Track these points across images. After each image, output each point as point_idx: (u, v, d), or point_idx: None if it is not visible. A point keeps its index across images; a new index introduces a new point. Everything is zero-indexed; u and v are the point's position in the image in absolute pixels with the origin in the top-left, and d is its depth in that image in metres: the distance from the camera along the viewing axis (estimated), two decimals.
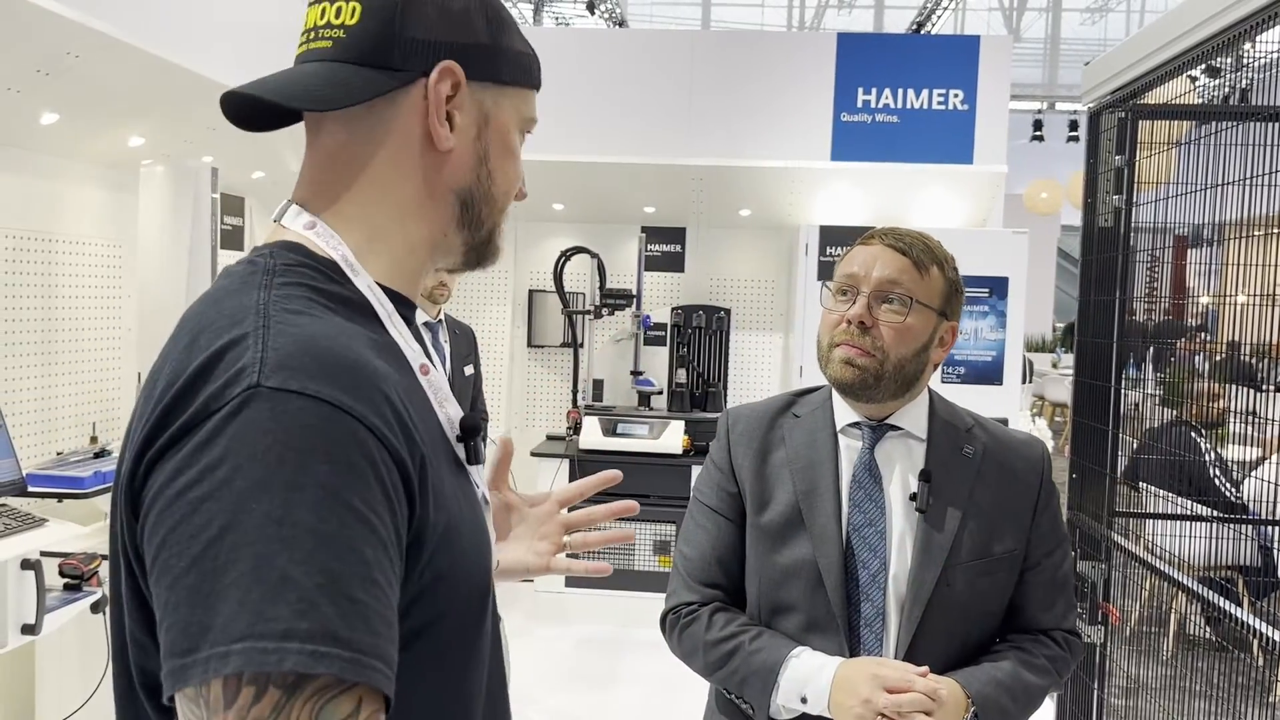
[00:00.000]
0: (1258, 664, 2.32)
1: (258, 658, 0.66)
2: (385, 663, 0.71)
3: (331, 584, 0.69)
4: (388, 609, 0.72)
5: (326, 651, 0.68)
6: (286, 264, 0.86)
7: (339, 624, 0.68)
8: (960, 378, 4.70)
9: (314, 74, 0.89)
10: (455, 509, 0.84)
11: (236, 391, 0.73)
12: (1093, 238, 2.71)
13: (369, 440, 0.74)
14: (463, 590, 0.84)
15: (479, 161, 0.93)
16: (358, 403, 0.75)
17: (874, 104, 5.28)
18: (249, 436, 0.71)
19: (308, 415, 0.72)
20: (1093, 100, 2.75)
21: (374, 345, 0.84)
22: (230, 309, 0.81)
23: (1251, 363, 2.82)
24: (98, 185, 3.66)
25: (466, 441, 0.92)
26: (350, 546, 0.70)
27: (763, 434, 1.65)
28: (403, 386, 0.83)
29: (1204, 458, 4.02)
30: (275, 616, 0.67)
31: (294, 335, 0.77)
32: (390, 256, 0.91)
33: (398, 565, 0.75)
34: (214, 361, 0.76)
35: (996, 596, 1.58)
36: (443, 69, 0.88)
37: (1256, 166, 2.09)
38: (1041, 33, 18.74)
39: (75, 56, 2.85)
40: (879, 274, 1.55)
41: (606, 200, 5.58)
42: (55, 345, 3.45)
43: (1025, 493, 1.61)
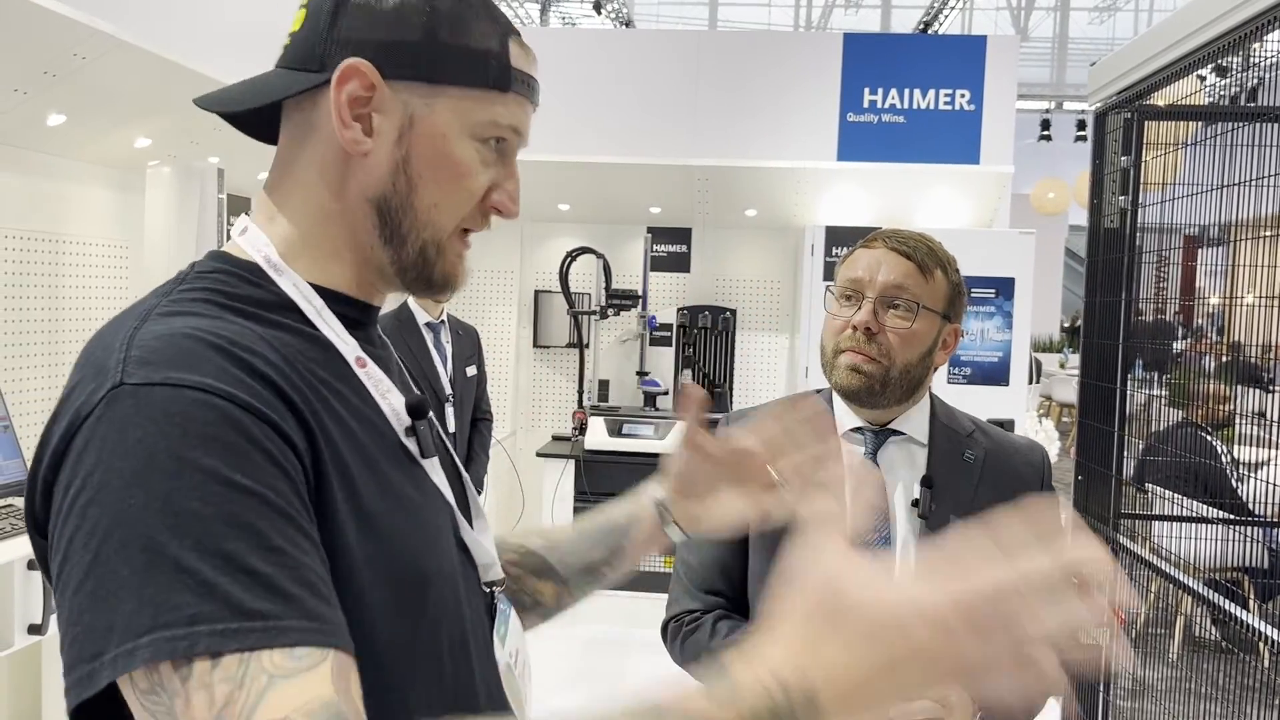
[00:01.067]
0: (1264, 666, 2.31)
1: (166, 646, 0.66)
2: (311, 619, 0.69)
3: (226, 562, 0.68)
4: (301, 569, 0.71)
5: (237, 627, 0.67)
6: (200, 272, 0.86)
7: (244, 597, 0.67)
8: (966, 378, 4.69)
9: (258, 79, 0.90)
10: (377, 502, 0.82)
11: (101, 395, 0.73)
12: (1098, 238, 2.71)
13: (243, 418, 0.73)
14: (385, 586, 0.81)
15: (396, 168, 0.87)
16: (224, 383, 0.73)
17: (880, 104, 5.27)
18: (117, 434, 0.71)
19: (173, 403, 0.71)
20: (1099, 101, 2.74)
21: (278, 341, 0.81)
22: (117, 323, 0.81)
23: (1258, 363, 2.81)
24: (104, 186, 3.67)
25: (416, 425, 0.90)
26: (239, 522, 0.69)
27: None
28: (310, 375, 0.81)
29: (1220, 460, 4.01)
30: (178, 604, 0.66)
31: (158, 333, 0.77)
32: (317, 258, 0.90)
33: (310, 529, 0.74)
34: (84, 373, 0.76)
35: None
36: (345, 68, 0.85)
37: (1263, 167, 2.08)
38: (1049, 32, 18.70)
39: (82, 58, 2.86)
40: (884, 279, 1.54)
41: (612, 201, 5.58)
42: (61, 346, 3.46)
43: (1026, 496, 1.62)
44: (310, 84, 0.86)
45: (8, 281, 3.19)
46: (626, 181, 5.37)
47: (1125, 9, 17.57)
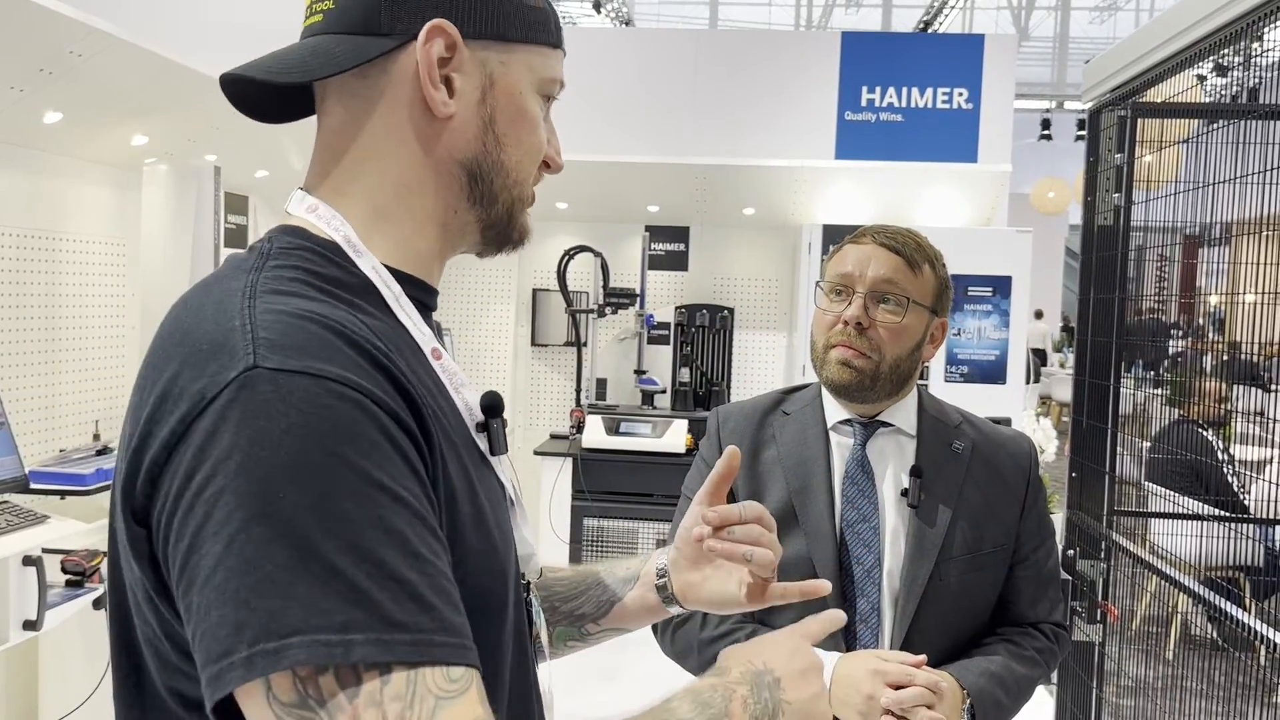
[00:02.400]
0: (1261, 665, 2.31)
1: (322, 651, 0.63)
2: (451, 634, 0.68)
3: (378, 569, 0.65)
4: (439, 577, 0.69)
5: (389, 639, 0.64)
6: (283, 248, 0.82)
7: (393, 609, 0.65)
8: (963, 377, 4.69)
9: (303, 48, 0.86)
10: (467, 496, 0.80)
11: (233, 375, 0.68)
12: (1093, 236, 2.71)
13: (380, 414, 0.70)
14: (474, 581, 0.79)
15: (484, 128, 0.86)
16: (360, 378, 0.71)
17: (878, 103, 5.27)
18: (258, 421, 0.67)
19: (316, 395, 0.68)
20: (1093, 98, 2.74)
21: (377, 329, 0.79)
22: (218, 295, 0.77)
23: (1256, 362, 2.81)
24: (101, 184, 3.67)
25: (489, 425, 0.88)
26: (388, 527, 0.67)
27: (753, 432, 1.66)
28: (410, 368, 0.78)
29: (1219, 459, 4.01)
30: (330, 609, 0.64)
31: (281, 313, 0.73)
32: (396, 236, 0.86)
33: (440, 532, 0.73)
34: (200, 348, 0.72)
35: (987, 590, 1.60)
36: (431, 28, 0.82)
37: (1257, 165, 2.08)
38: (1050, 31, 18.69)
39: (79, 56, 2.86)
40: (874, 274, 1.55)
41: (610, 199, 5.58)
42: (59, 343, 3.47)
43: (1014, 488, 1.63)
44: (386, 48, 0.83)
45: (4, 280, 3.19)
46: (624, 180, 5.37)
47: (1126, 8, 17.56)
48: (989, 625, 1.62)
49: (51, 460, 3.08)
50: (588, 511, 5.01)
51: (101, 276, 3.69)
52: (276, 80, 0.84)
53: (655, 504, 4.86)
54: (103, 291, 3.70)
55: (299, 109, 0.92)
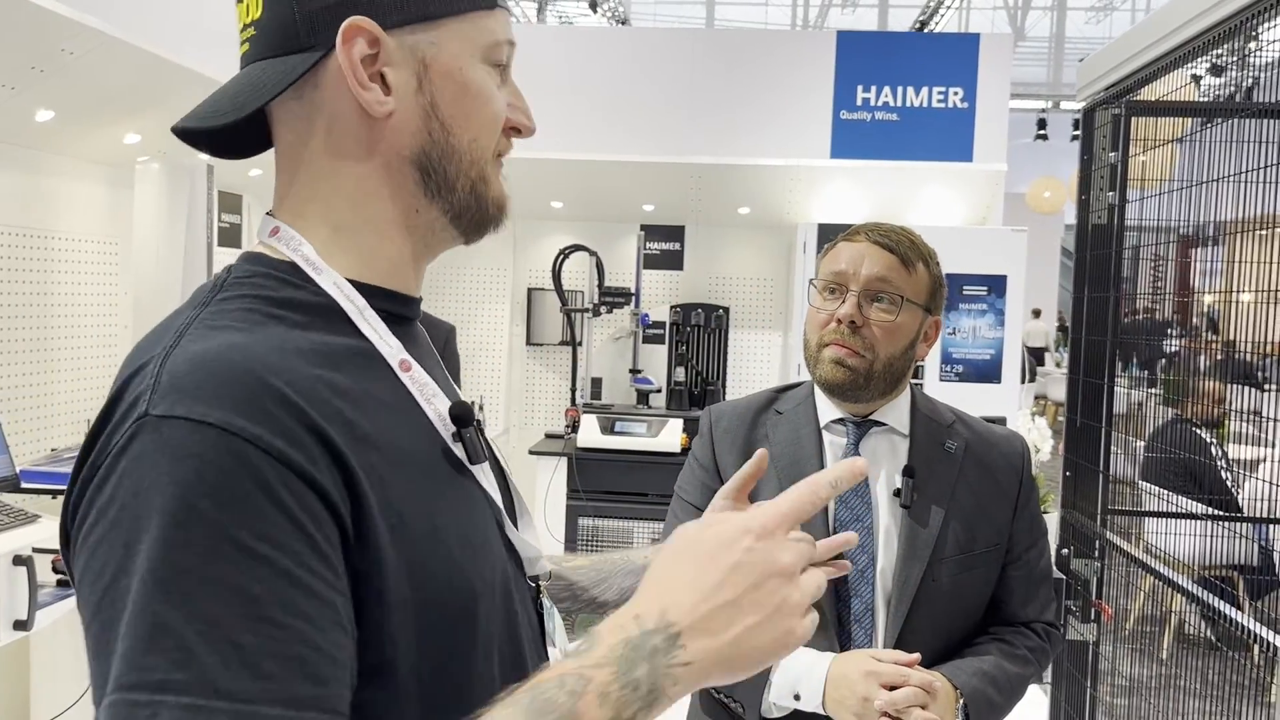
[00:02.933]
0: (1256, 664, 2.31)
1: (125, 712, 0.62)
2: (287, 705, 0.64)
3: (211, 629, 0.63)
4: (292, 644, 0.66)
5: (205, 704, 0.62)
6: (240, 276, 0.81)
7: (220, 673, 0.63)
8: (959, 376, 4.69)
9: (236, 82, 0.84)
10: (423, 522, 0.77)
11: (128, 424, 0.69)
12: (1087, 234, 2.71)
13: (264, 464, 0.68)
14: (436, 613, 0.76)
15: (427, 116, 0.83)
16: (253, 423, 0.68)
17: (873, 102, 5.27)
18: (134, 473, 0.67)
19: (192, 444, 0.67)
20: (1087, 96, 2.74)
21: (320, 351, 0.77)
22: (157, 334, 0.77)
23: (1252, 361, 2.81)
24: (94, 182, 3.66)
25: (463, 435, 0.84)
26: (235, 587, 0.65)
27: (746, 431, 1.65)
28: (357, 391, 0.77)
29: (1214, 458, 4.01)
30: (150, 666, 0.63)
31: (193, 354, 0.72)
32: (360, 249, 0.85)
33: (321, 588, 0.68)
34: (119, 394, 0.72)
35: (979, 590, 1.60)
36: (347, 28, 0.79)
37: (1252, 163, 2.08)
38: (1046, 31, 18.71)
39: (70, 53, 2.85)
40: (868, 272, 1.55)
41: (605, 198, 5.57)
42: (50, 342, 3.45)
43: (1007, 487, 1.62)
44: (309, 64, 0.80)
45: None
46: (620, 179, 5.36)
47: (1121, 8, 17.58)
48: (981, 624, 1.62)
49: (43, 459, 3.07)
50: (583, 511, 5.01)
51: (94, 275, 3.68)
52: (211, 125, 0.82)
53: (650, 503, 4.85)
54: (95, 290, 3.69)
55: (265, 139, 0.89)
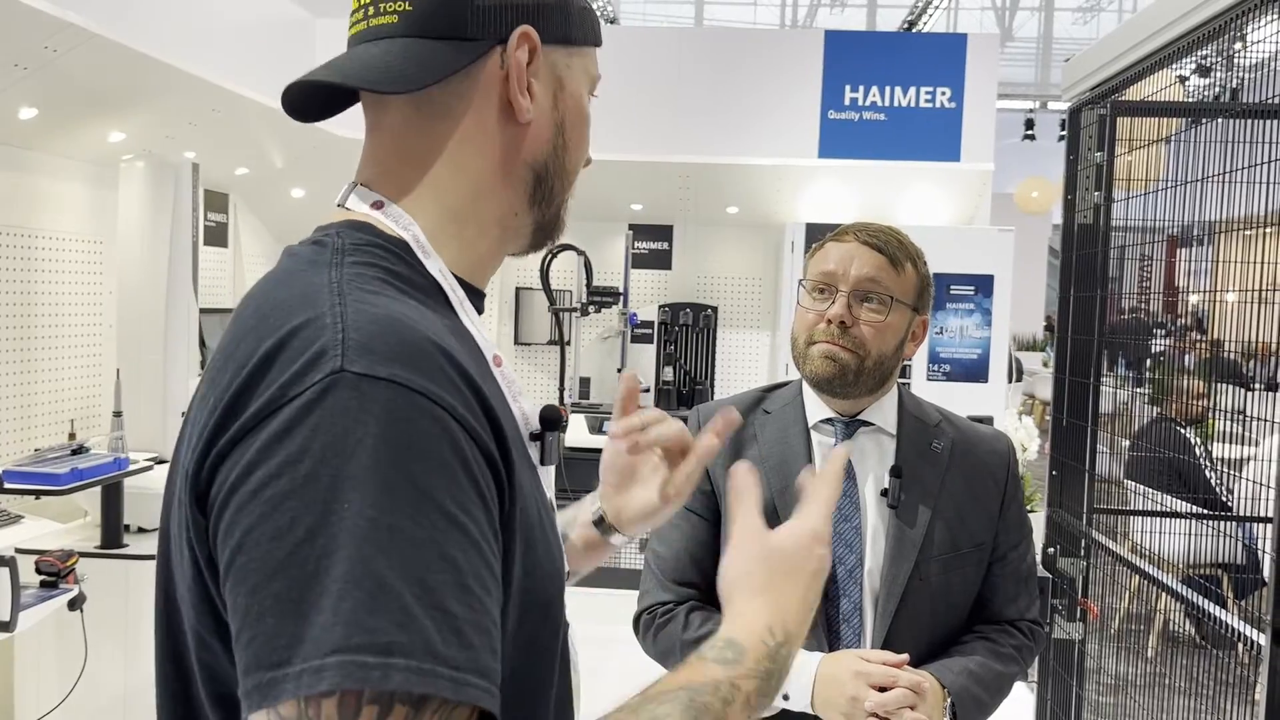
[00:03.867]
0: (1241, 662, 2.32)
1: (358, 673, 0.60)
2: (483, 676, 0.65)
3: (427, 594, 0.63)
4: (483, 616, 0.66)
5: (430, 669, 0.61)
6: (355, 243, 0.80)
7: (436, 639, 0.62)
8: (946, 375, 4.70)
9: (388, 52, 0.82)
10: (534, 509, 0.79)
11: (318, 377, 0.66)
12: (1073, 234, 2.71)
13: (459, 433, 0.68)
14: (539, 596, 0.78)
15: (556, 131, 0.87)
16: (446, 392, 0.69)
17: (861, 101, 5.27)
18: (335, 427, 0.65)
19: (398, 406, 0.66)
20: (1073, 96, 2.75)
21: (451, 331, 0.78)
22: (301, 287, 0.74)
23: (1238, 361, 2.82)
24: (78, 181, 3.64)
25: (544, 436, 0.86)
26: (442, 553, 0.64)
27: (735, 432, 1.64)
28: (481, 375, 0.77)
29: (1197, 456, 4.03)
30: (376, 628, 0.61)
31: (374, 316, 0.71)
32: (462, 240, 0.85)
33: (495, 565, 0.69)
34: (287, 342, 0.69)
35: (966, 589, 1.60)
36: (520, 34, 0.82)
37: (1237, 163, 2.09)
38: (1033, 32, 18.77)
39: (53, 51, 2.83)
40: (857, 272, 1.55)
41: (594, 197, 5.57)
42: (34, 342, 3.43)
43: (993, 487, 1.63)
44: (476, 55, 0.82)
45: None
46: (608, 178, 5.35)
47: (1109, 9, 17.66)
48: (967, 623, 1.62)
49: (26, 460, 3.04)
50: None
51: (78, 274, 3.66)
52: (381, 90, 0.82)
53: None
54: (79, 289, 3.66)
55: (340, 106, 0.89)
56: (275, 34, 4.18)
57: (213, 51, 3.55)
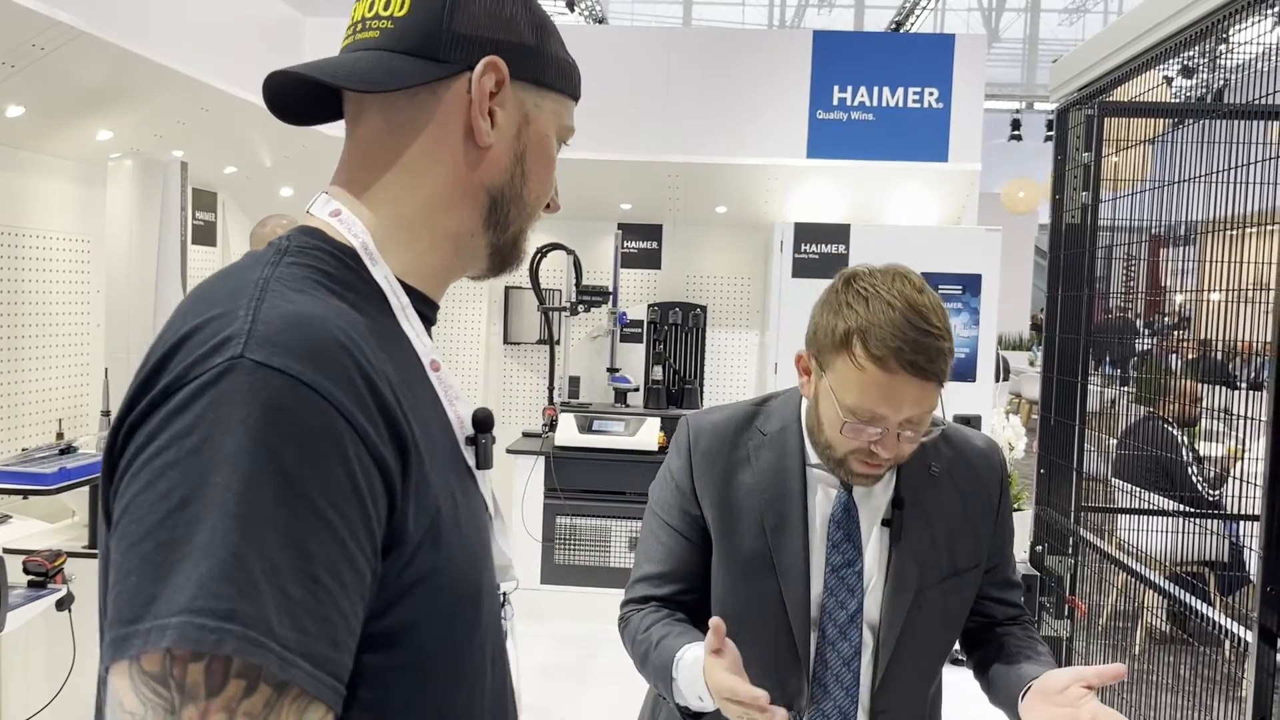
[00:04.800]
0: (1226, 659, 2.33)
1: (195, 634, 0.64)
2: (312, 662, 0.68)
3: (274, 573, 0.67)
4: (328, 607, 0.70)
5: (264, 643, 0.66)
6: (301, 246, 0.86)
7: (274, 617, 0.67)
8: None
9: (363, 59, 0.89)
10: (449, 511, 0.82)
11: (218, 361, 0.71)
12: (1060, 234, 2.73)
13: (344, 430, 0.72)
14: (447, 597, 0.82)
15: (515, 161, 0.92)
16: (339, 390, 0.73)
17: (849, 102, 5.29)
18: (223, 408, 0.70)
19: (286, 396, 0.71)
20: (1061, 97, 2.76)
21: (375, 333, 0.82)
22: (232, 283, 0.80)
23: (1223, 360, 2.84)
24: (66, 179, 3.62)
25: (479, 438, 0.91)
26: (296, 539, 0.68)
27: (728, 453, 1.57)
28: (401, 379, 0.81)
29: (1180, 453, 4.05)
30: (221, 594, 0.65)
31: (286, 311, 0.76)
32: (414, 250, 0.90)
33: (361, 561, 0.73)
34: (200, 329, 0.75)
35: (962, 609, 1.58)
36: (488, 63, 0.88)
37: (1222, 164, 2.10)
38: (1020, 33, 18.83)
39: (41, 49, 2.82)
40: (910, 412, 1.39)
41: (583, 197, 5.56)
42: (22, 341, 3.41)
43: (987, 502, 1.59)
44: (444, 74, 0.88)
45: None
46: (597, 178, 5.35)
47: (1094, 10, 17.73)
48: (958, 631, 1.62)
49: (13, 459, 3.03)
50: (560, 510, 5.00)
51: (65, 273, 3.64)
52: (341, 85, 0.89)
53: (628, 502, 4.85)
54: (67, 289, 3.65)
55: (326, 114, 0.95)
56: (265, 33, 4.17)
57: (202, 50, 3.54)
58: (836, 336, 1.41)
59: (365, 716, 0.77)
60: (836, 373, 1.41)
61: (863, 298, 1.40)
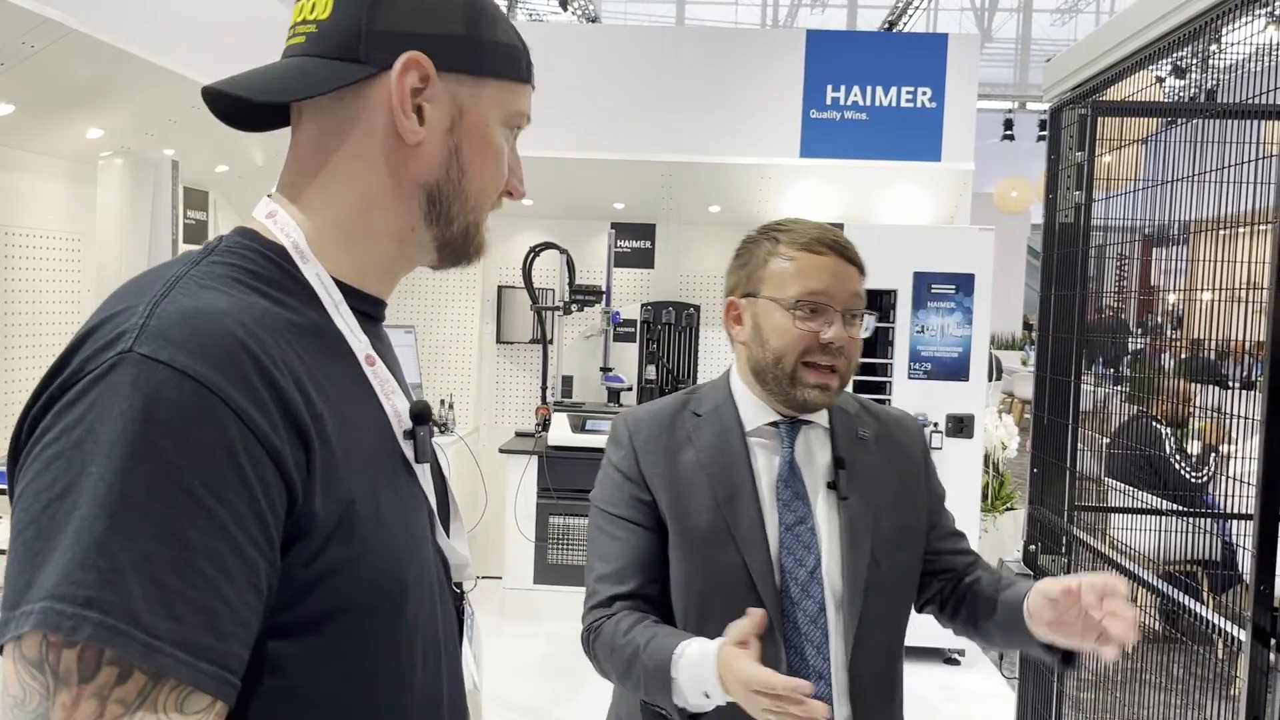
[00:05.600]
0: (1219, 658, 2.34)
1: (53, 620, 0.66)
2: (187, 651, 0.69)
3: (144, 563, 0.68)
4: (210, 596, 0.70)
5: (125, 630, 0.67)
6: (229, 246, 0.86)
7: (141, 605, 0.67)
8: (927, 374, 4.72)
9: (284, 68, 0.90)
10: (367, 505, 0.82)
11: (109, 355, 0.73)
12: (1054, 233, 2.73)
13: (231, 423, 0.73)
14: (365, 589, 0.82)
15: (450, 156, 0.91)
16: (229, 384, 0.74)
17: (843, 101, 5.29)
18: (107, 401, 0.71)
19: (169, 389, 0.71)
20: (1054, 96, 2.76)
21: (297, 329, 0.82)
22: (146, 281, 0.81)
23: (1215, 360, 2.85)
24: (56, 178, 3.61)
25: (417, 432, 0.90)
26: (174, 529, 0.69)
27: (667, 436, 1.60)
28: (322, 374, 0.82)
29: (1167, 450, 4.06)
30: (81, 581, 0.66)
31: (184, 308, 0.76)
32: (350, 249, 0.91)
33: (251, 551, 0.73)
34: (103, 325, 0.76)
35: (915, 565, 1.64)
36: (406, 60, 0.87)
37: (1216, 163, 2.10)
38: (1012, 33, 18.89)
39: (31, 46, 2.80)
40: (847, 290, 1.53)
41: (576, 196, 5.56)
42: (11, 340, 3.40)
43: (916, 464, 1.67)
44: (362, 75, 0.87)
45: None
46: (591, 177, 5.35)
47: (1086, 11, 17.79)
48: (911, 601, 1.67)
49: (3, 459, 3.01)
50: (553, 509, 5.00)
51: (55, 272, 3.62)
52: (255, 99, 0.88)
53: None
54: (56, 288, 3.63)
55: (277, 121, 0.95)
56: (256, 30, 4.16)
57: (193, 48, 3.52)
58: (762, 254, 1.58)
59: (284, 706, 0.78)
60: (772, 280, 1.55)
61: (764, 230, 1.62)
